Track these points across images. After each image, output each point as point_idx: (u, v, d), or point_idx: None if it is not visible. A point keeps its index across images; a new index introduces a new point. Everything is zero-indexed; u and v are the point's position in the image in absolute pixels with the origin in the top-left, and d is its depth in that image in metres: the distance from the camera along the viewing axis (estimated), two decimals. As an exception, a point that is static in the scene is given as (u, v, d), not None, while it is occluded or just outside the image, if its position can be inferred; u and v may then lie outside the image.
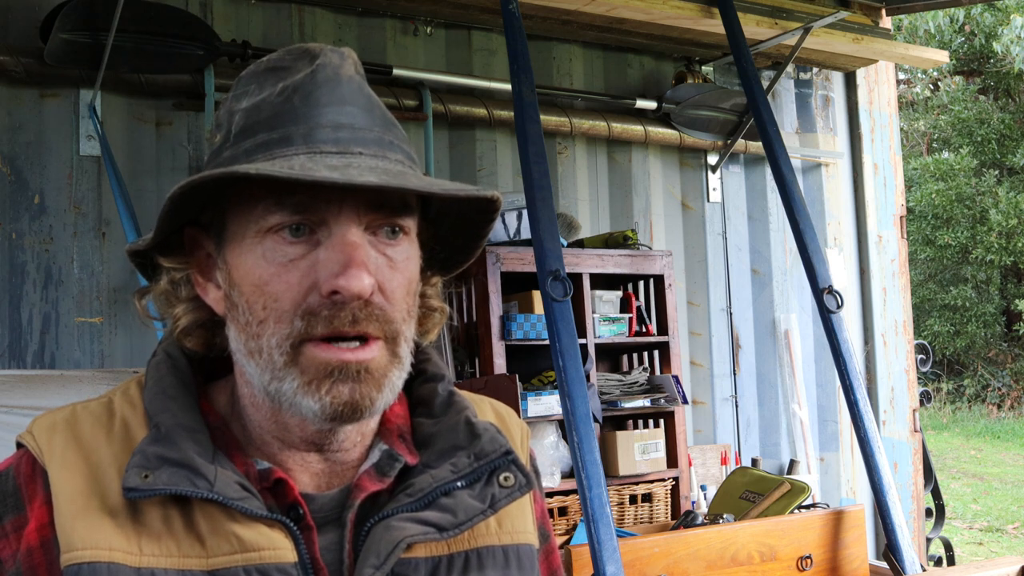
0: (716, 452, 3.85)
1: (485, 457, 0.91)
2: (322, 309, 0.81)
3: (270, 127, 0.84)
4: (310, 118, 0.84)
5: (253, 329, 0.84)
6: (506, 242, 3.21)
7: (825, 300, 2.99)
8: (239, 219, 0.85)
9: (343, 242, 0.82)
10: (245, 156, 0.84)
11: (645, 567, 2.46)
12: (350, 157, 0.83)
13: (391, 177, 0.81)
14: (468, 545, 0.90)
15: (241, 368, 0.88)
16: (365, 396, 0.83)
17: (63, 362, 2.89)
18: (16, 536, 0.85)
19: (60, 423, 0.88)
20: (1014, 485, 9.05)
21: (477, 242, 0.96)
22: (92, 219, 2.97)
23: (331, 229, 0.83)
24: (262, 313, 0.83)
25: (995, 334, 13.79)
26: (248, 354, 0.85)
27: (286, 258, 0.83)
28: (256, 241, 0.84)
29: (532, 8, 3.34)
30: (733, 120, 3.99)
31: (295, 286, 0.82)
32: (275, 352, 0.82)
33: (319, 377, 0.82)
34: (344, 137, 0.84)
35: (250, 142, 0.85)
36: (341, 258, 0.81)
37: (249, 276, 0.84)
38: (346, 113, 0.85)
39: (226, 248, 0.87)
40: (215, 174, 0.80)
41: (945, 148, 14.50)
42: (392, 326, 0.85)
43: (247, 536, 0.82)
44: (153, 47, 2.85)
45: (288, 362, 0.82)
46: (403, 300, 0.86)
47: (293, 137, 0.83)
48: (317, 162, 0.81)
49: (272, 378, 0.83)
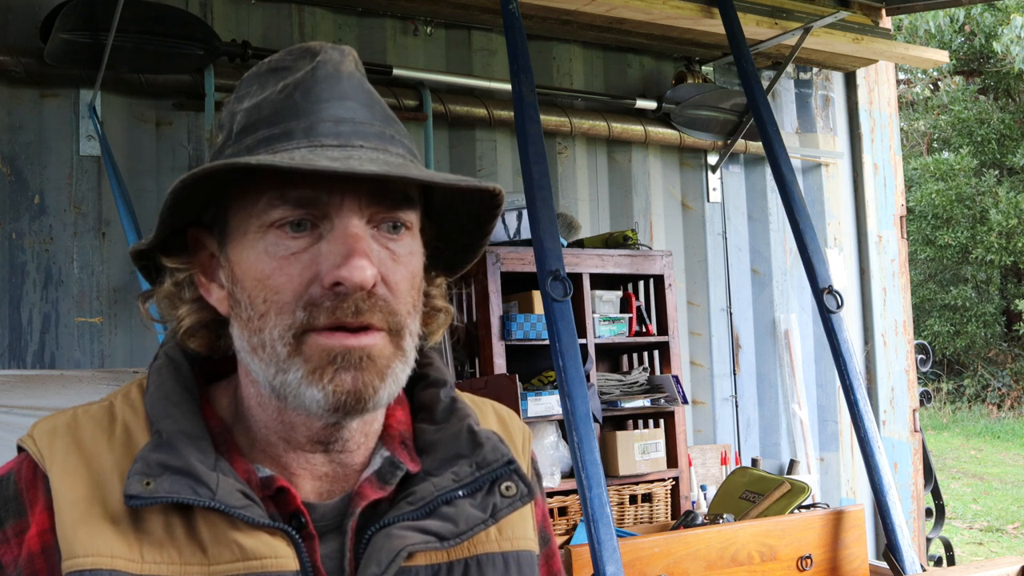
0: (716, 452, 3.85)
1: (487, 466, 0.90)
2: (324, 300, 0.81)
3: (271, 123, 0.85)
4: (311, 113, 0.84)
5: (255, 323, 0.84)
6: (506, 242, 3.21)
7: (825, 300, 2.99)
8: (241, 215, 0.85)
9: (345, 233, 0.82)
10: (247, 152, 0.84)
11: (645, 567, 2.46)
12: (351, 150, 0.83)
13: (392, 168, 0.81)
14: (468, 552, 0.90)
15: (246, 366, 0.88)
16: (368, 384, 0.83)
17: (63, 362, 2.89)
18: (17, 541, 0.84)
19: (61, 427, 0.88)
20: (1014, 485, 9.05)
21: (480, 240, 0.96)
22: (92, 219, 2.97)
23: (333, 222, 0.83)
24: (263, 306, 0.83)
25: (995, 334, 13.79)
26: (251, 350, 0.85)
27: (288, 251, 0.83)
28: (258, 236, 0.84)
29: (532, 8, 3.34)
30: (733, 120, 3.99)
31: (296, 278, 0.82)
32: (278, 343, 0.82)
33: (322, 365, 0.82)
34: (345, 131, 0.84)
35: (251, 138, 0.85)
36: (343, 249, 0.81)
37: (251, 271, 0.84)
38: (347, 108, 0.85)
39: (229, 245, 0.87)
40: (216, 166, 0.80)
41: (945, 148, 14.49)
42: (396, 318, 0.84)
43: (249, 544, 0.82)
44: (153, 47, 2.85)
45: (291, 352, 0.82)
46: (407, 293, 0.86)
47: (294, 132, 0.83)
48: (318, 154, 0.81)
49: (277, 371, 0.83)
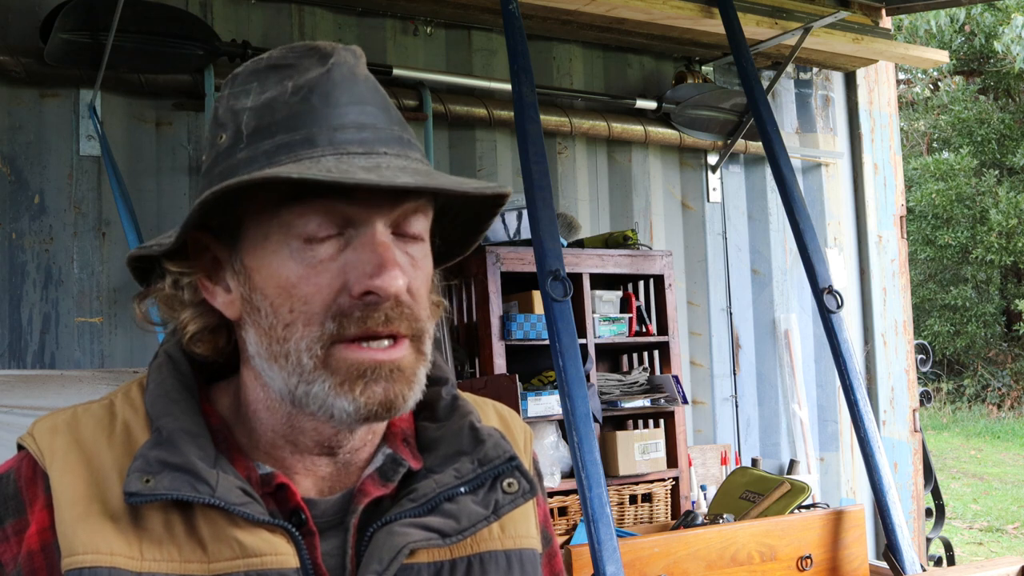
0: (716, 452, 3.85)
1: (489, 463, 0.90)
2: (354, 310, 0.81)
3: (290, 128, 0.83)
4: (332, 118, 0.83)
5: (279, 332, 0.82)
6: (506, 242, 3.21)
7: (825, 300, 2.99)
8: (260, 221, 0.83)
9: (374, 242, 0.81)
10: (266, 158, 0.82)
11: (645, 567, 2.46)
12: (377, 157, 0.82)
13: (421, 176, 0.81)
14: (471, 550, 0.89)
15: (257, 371, 0.87)
16: (399, 395, 0.83)
17: (63, 362, 2.89)
18: (17, 539, 0.84)
19: (61, 425, 0.87)
20: (1014, 485, 9.05)
21: (476, 236, 0.97)
22: (92, 219, 2.97)
23: (359, 229, 0.82)
24: (289, 316, 0.82)
25: (995, 334, 13.78)
26: (271, 358, 0.83)
27: (315, 260, 0.82)
28: (282, 243, 0.82)
29: (532, 8, 3.34)
30: (733, 120, 3.99)
31: (325, 288, 0.81)
32: (304, 355, 0.82)
33: (351, 378, 0.81)
34: (368, 137, 0.83)
35: (269, 143, 0.83)
36: (374, 259, 0.81)
37: (274, 278, 0.83)
38: (367, 113, 0.84)
39: (244, 251, 0.85)
40: (254, 178, 0.78)
41: (945, 148, 14.49)
42: (419, 324, 0.85)
43: (249, 542, 0.81)
44: (153, 47, 2.85)
45: (318, 364, 0.81)
46: (426, 298, 0.87)
47: (317, 138, 0.82)
48: (348, 163, 0.80)
49: (300, 381, 0.82)
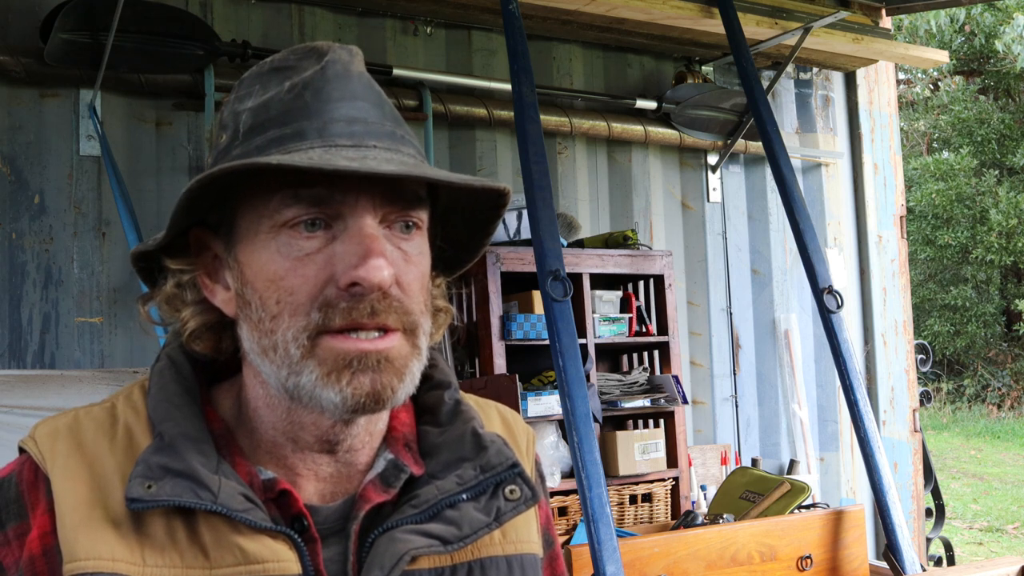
0: (716, 452, 3.85)
1: (491, 470, 0.90)
2: (340, 301, 0.81)
3: (282, 123, 0.84)
4: (323, 113, 0.83)
5: (267, 325, 0.83)
6: (506, 242, 3.21)
7: (825, 300, 2.99)
8: (251, 215, 0.84)
9: (361, 234, 0.81)
10: (257, 152, 0.83)
11: (645, 567, 2.46)
12: (365, 150, 0.82)
13: (408, 168, 0.81)
14: (472, 556, 0.89)
15: (255, 368, 0.87)
16: (387, 386, 0.82)
17: (63, 362, 2.89)
18: (19, 543, 0.84)
19: (63, 429, 0.87)
20: (1014, 485, 9.05)
21: (483, 239, 0.96)
22: (92, 219, 2.97)
23: (347, 222, 0.82)
24: (276, 308, 0.82)
25: (995, 334, 13.79)
26: (262, 352, 0.84)
27: (302, 252, 0.82)
28: (270, 236, 0.83)
29: (532, 8, 3.34)
30: (733, 120, 3.99)
31: (311, 279, 0.81)
32: (291, 345, 0.81)
33: (338, 368, 0.81)
34: (358, 131, 0.83)
35: (261, 138, 0.83)
36: (359, 250, 0.81)
37: (263, 272, 0.83)
38: (358, 108, 0.85)
39: (237, 246, 0.86)
40: (235, 166, 0.79)
41: (945, 148, 14.49)
42: (411, 318, 0.84)
43: (251, 548, 0.81)
44: (153, 47, 2.85)
45: (305, 355, 0.81)
46: (419, 293, 0.86)
47: (307, 132, 0.82)
48: (334, 154, 0.81)
49: (289, 373, 0.82)
